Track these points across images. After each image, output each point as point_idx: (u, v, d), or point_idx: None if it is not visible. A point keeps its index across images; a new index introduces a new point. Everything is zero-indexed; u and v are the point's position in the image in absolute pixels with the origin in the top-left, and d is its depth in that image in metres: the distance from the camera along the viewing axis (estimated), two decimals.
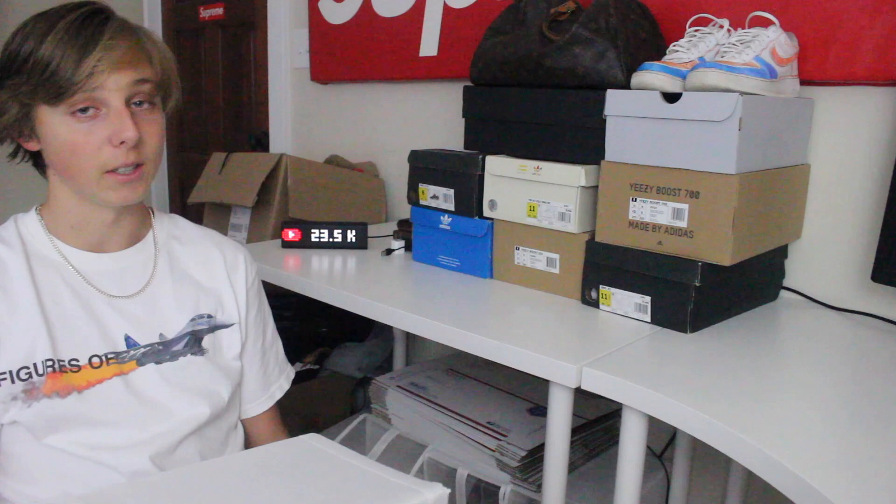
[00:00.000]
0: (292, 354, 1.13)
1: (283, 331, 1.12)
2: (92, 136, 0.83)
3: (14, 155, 0.92)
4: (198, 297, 0.96)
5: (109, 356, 0.88)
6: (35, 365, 0.83)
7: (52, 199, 0.91)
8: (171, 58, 0.91)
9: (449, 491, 0.71)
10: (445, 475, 1.32)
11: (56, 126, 0.84)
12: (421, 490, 0.69)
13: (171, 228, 1.00)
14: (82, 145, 0.83)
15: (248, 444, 1.06)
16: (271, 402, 1.08)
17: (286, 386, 1.10)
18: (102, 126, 0.83)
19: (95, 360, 0.87)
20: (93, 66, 0.80)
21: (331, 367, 1.84)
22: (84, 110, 0.82)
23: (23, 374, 0.83)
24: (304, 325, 1.77)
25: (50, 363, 0.84)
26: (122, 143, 0.83)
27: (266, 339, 1.06)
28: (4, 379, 0.82)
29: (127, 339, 0.90)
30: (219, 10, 2.66)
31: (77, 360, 0.86)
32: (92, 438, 0.85)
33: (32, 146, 0.88)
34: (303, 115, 2.23)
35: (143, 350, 0.91)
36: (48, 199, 0.92)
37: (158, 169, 0.92)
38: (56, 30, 0.81)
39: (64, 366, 0.85)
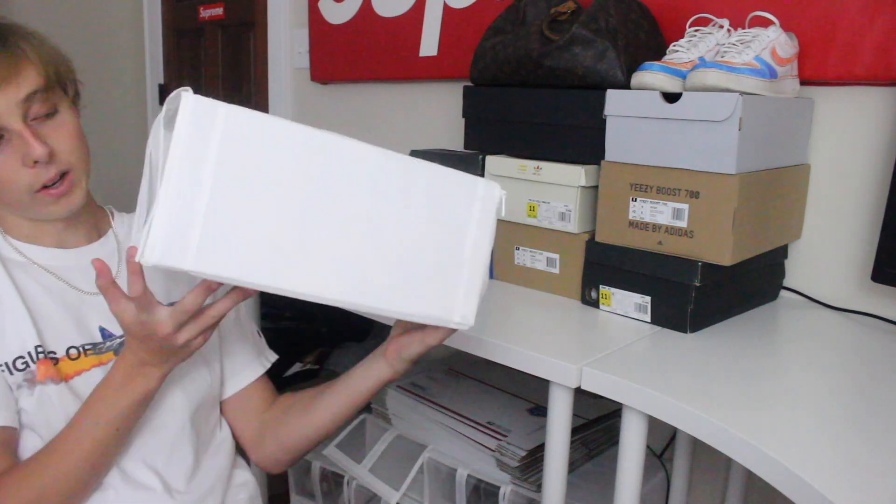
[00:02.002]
0: (292, 354, 1.13)
1: (283, 331, 1.13)
2: (6, 164, 0.82)
3: None
4: (167, 286, 0.95)
5: (87, 347, 0.89)
6: (29, 353, 0.84)
7: (2, 215, 0.91)
8: (53, 50, 0.87)
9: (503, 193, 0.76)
10: (445, 475, 1.32)
11: None
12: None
13: (132, 223, 1.00)
14: (0, 175, 0.82)
15: (239, 427, 1.06)
16: (268, 365, 1.08)
17: (272, 358, 1.10)
18: (10, 150, 0.81)
19: (73, 351, 0.88)
20: None
21: (331, 367, 1.84)
22: None
23: (20, 364, 0.83)
24: (304, 325, 1.77)
25: (40, 349, 0.85)
26: (35, 162, 0.82)
27: (240, 312, 1.07)
28: (3, 371, 0.82)
29: (102, 330, 0.91)
30: (219, 10, 2.66)
31: (55, 353, 0.86)
32: None
33: None
34: (303, 115, 2.23)
35: (119, 340, 0.91)
36: (1, 216, 0.92)
37: (90, 165, 0.90)
38: None
39: (47, 356, 0.85)
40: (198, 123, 0.61)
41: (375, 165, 0.70)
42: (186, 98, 0.61)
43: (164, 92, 3.00)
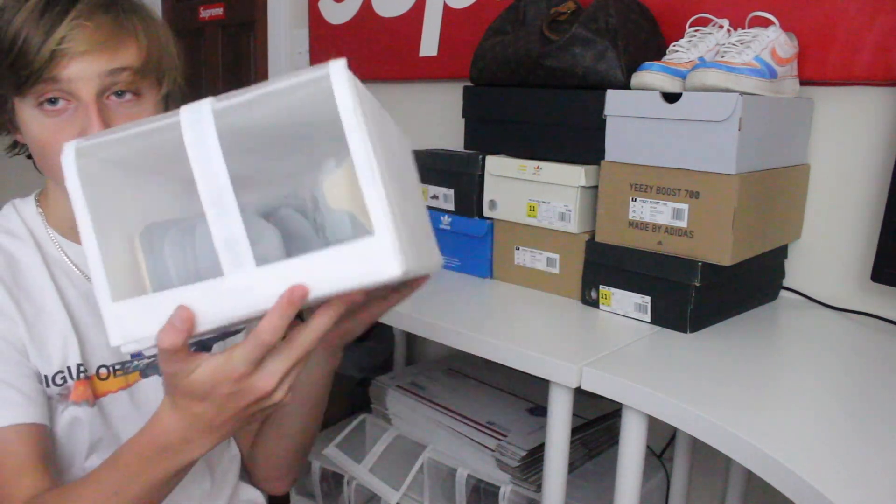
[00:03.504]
0: None
1: None
2: (60, 134, 0.73)
3: (14, 146, 0.85)
4: None
5: (116, 367, 0.83)
6: (69, 368, 0.78)
7: (49, 190, 0.85)
8: (164, 34, 0.80)
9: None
10: (445, 475, 1.32)
11: (27, 120, 0.75)
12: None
13: None
14: (51, 144, 0.74)
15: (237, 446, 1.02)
16: None
17: None
18: (72, 122, 0.74)
19: (103, 370, 0.82)
20: (53, 49, 0.70)
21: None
22: (53, 101, 0.73)
23: (58, 380, 0.78)
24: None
25: (82, 368, 0.79)
26: None
27: None
28: (40, 382, 0.77)
29: None
30: (219, 10, 2.66)
31: (86, 371, 0.81)
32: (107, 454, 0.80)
33: (21, 138, 0.80)
34: None
35: (146, 361, 0.85)
36: (45, 190, 0.86)
37: None
38: (24, 8, 0.72)
39: (87, 375, 0.80)
40: (361, 97, 0.51)
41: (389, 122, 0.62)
42: (337, 68, 0.50)
43: None
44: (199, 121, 0.52)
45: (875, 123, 1.15)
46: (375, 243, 0.49)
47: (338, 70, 0.50)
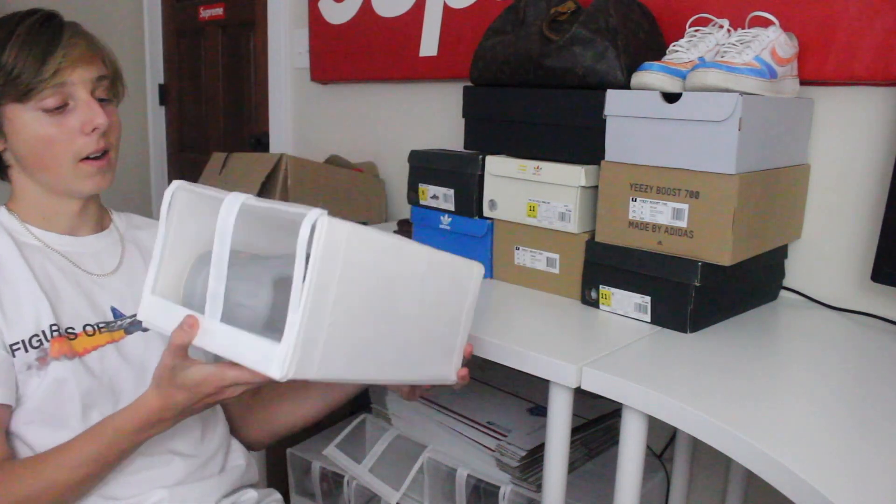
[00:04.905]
0: None
1: None
2: (64, 127, 0.90)
3: None
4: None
5: (101, 325, 0.94)
6: (43, 332, 0.88)
7: (19, 196, 0.96)
8: (116, 57, 1.00)
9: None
10: (445, 475, 1.32)
11: (28, 122, 0.90)
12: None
13: (130, 220, 1.08)
14: (56, 136, 0.90)
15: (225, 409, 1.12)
16: None
17: None
18: (72, 117, 0.90)
19: (89, 328, 0.93)
20: (57, 64, 0.88)
21: None
22: (59, 106, 0.89)
23: (34, 342, 0.88)
24: None
25: (55, 328, 0.89)
26: (94, 129, 0.91)
27: None
28: (18, 349, 0.86)
29: (113, 310, 0.97)
30: (219, 10, 2.66)
31: (73, 329, 0.91)
32: (104, 408, 0.90)
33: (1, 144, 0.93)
34: (303, 115, 2.23)
35: (129, 320, 0.97)
36: (13, 197, 0.97)
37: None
38: (16, 34, 0.88)
39: (63, 333, 0.90)
40: (329, 247, 0.67)
41: (423, 264, 0.80)
42: (322, 222, 0.66)
43: (164, 92, 3.00)
44: (230, 209, 0.73)
45: (875, 123, 1.15)
46: (277, 348, 0.68)
47: (322, 222, 0.67)
